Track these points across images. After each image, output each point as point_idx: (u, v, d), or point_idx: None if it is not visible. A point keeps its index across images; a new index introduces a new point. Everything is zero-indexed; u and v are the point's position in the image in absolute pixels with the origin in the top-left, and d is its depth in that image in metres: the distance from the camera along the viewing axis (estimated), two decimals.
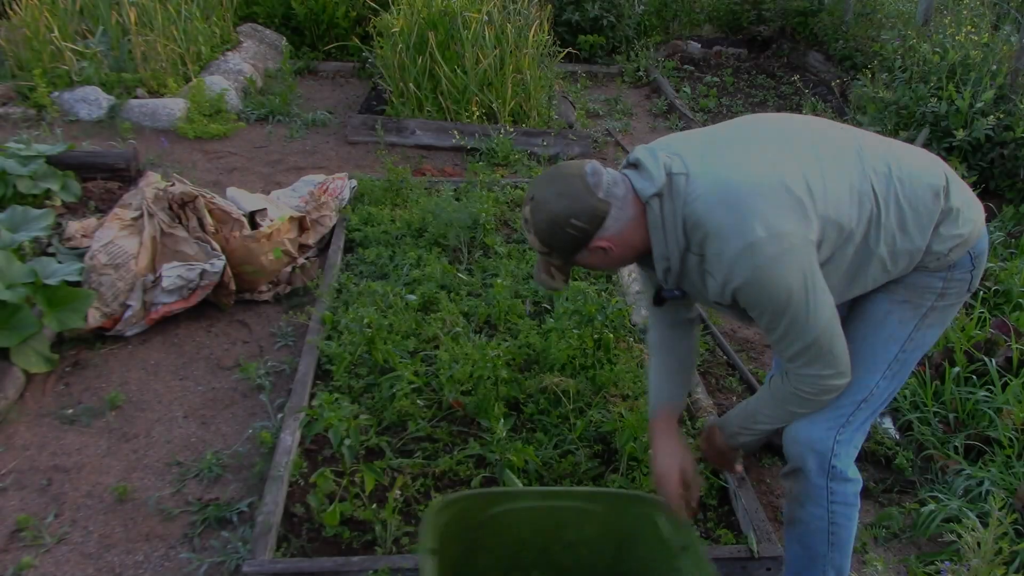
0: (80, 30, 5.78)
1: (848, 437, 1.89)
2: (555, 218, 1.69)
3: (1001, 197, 4.56)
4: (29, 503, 2.46)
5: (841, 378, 1.79)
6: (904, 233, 1.75)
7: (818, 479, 1.91)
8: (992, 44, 4.94)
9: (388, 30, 5.54)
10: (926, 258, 1.81)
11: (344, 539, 2.30)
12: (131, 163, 4.35)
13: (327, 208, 3.96)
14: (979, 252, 1.87)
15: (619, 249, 1.74)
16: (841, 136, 1.80)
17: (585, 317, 3.01)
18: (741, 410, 2.02)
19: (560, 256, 1.77)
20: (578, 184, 1.69)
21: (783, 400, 1.86)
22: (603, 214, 1.68)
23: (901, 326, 1.87)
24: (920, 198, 1.75)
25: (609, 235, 1.71)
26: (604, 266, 1.83)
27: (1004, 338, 3.05)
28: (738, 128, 1.83)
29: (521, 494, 1.91)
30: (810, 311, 1.67)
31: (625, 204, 1.70)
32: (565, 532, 1.96)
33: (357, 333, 2.95)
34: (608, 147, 5.59)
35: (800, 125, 1.82)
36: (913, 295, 1.86)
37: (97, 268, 3.14)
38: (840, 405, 1.86)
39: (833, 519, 1.94)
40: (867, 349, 1.88)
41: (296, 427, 2.64)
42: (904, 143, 1.93)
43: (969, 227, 1.82)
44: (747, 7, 8.01)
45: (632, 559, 1.99)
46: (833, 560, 1.99)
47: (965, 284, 1.87)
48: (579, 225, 1.68)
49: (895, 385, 1.92)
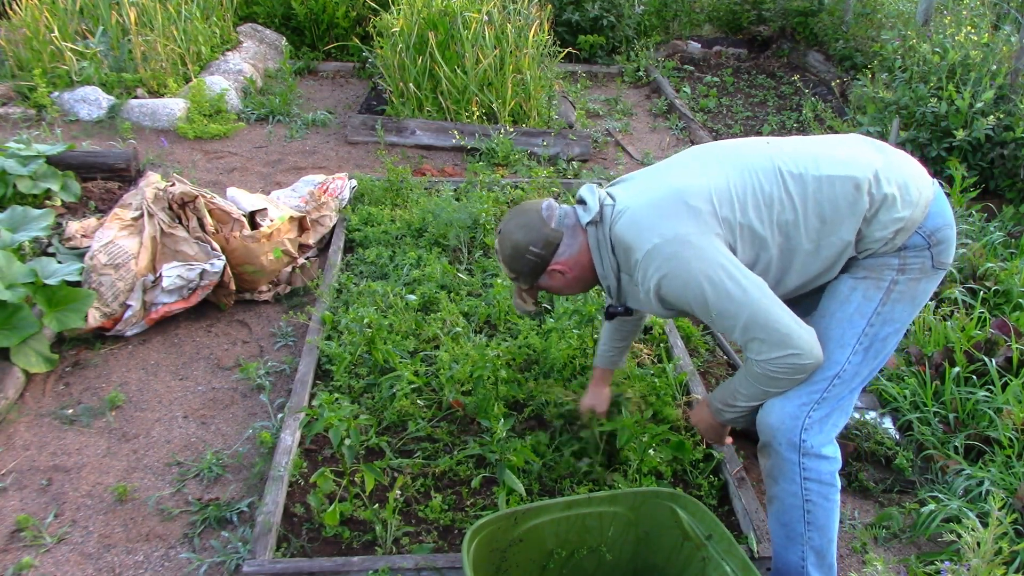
0: (80, 30, 5.79)
1: (823, 413, 1.94)
2: (516, 246, 2.03)
3: (1001, 197, 4.56)
4: (29, 503, 2.46)
5: (806, 358, 1.86)
6: (825, 225, 1.89)
7: (789, 453, 1.96)
8: (992, 44, 4.94)
9: (388, 30, 5.54)
10: (870, 244, 1.92)
11: (344, 539, 2.30)
12: (131, 163, 4.35)
13: (327, 208, 3.96)
14: (932, 230, 1.92)
15: (574, 271, 2.06)
16: (756, 149, 2.00)
17: (585, 317, 3.02)
18: (724, 387, 2.11)
19: (526, 280, 2.09)
20: (535, 217, 2.03)
21: (756, 379, 1.95)
22: (556, 241, 2.02)
23: (866, 301, 1.95)
24: (839, 194, 1.89)
25: (563, 260, 2.03)
26: (567, 288, 2.13)
27: (1004, 338, 3.05)
28: (671, 160, 2.09)
29: (545, 508, 1.96)
30: (732, 290, 1.82)
31: (575, 233, 2.03)
32: (589, 537, 2.01)
33: (357, 333, 2.95)
34: (608, 147, 5.59)
35: (723, 147, 2.05)
36: (872, 272, 1.95)
37: (97, 268, 3.14)
38: (813, 381, 1.94)
39: (808, 496, 1.98)
40: (835, 325, 1.97)
41: (296, 427, 2.64)
42: (837, 140, 2.03)
43: (909, 210, 1.89)
44: (747, 7, 8.01)
45: (655, 554, 2.03)
46: (811, 540, 2.02)
47: (926, 261, 1.93)
48: (536, 251, 2.01)
49: (870, 361, 1.97)
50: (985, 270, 3.58)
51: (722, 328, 1.91)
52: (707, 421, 2.24)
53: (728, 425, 2.25)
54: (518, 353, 3.00)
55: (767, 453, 2.03)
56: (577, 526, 1.99)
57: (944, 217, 1.94)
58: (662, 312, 2.02)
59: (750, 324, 1.83)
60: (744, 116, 6.35)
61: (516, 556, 1.93)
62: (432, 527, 2.36)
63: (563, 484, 2.50)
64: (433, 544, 2.29)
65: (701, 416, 2.26)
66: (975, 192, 4.28)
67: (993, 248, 3.86)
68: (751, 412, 2.06)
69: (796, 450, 1.95)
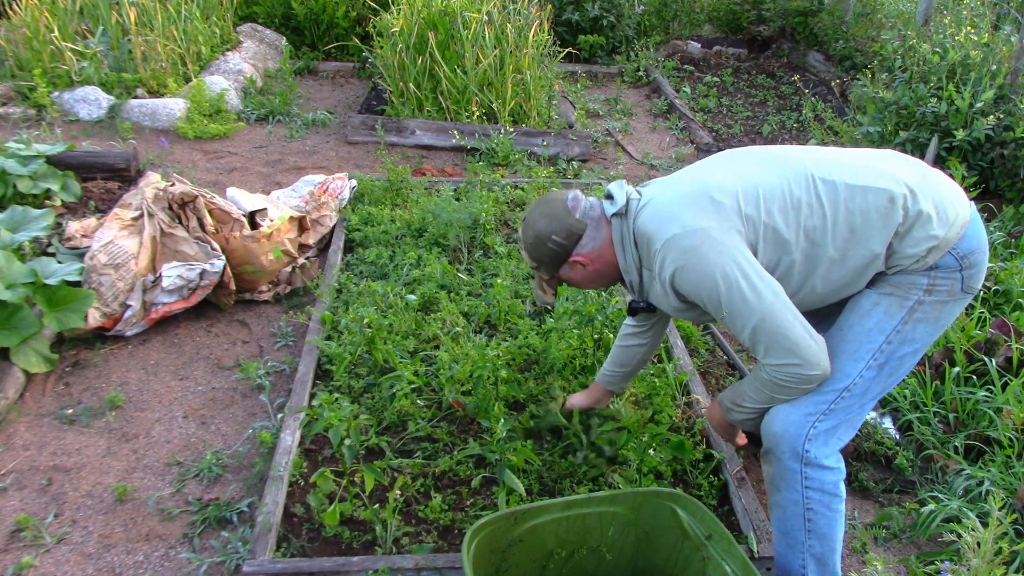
0: (80, 30, 5.79)
1: (829, 426, 1.93)
2: (539, 234, 2.01)
3: (1001, 197, 4.56)
4: (29, 503, 2.46)
5: (811, 369, 1.84)
6: (854, 234, 1.86)
7: (791, 463, 1.95)
8: (992, 44, 4.93)
9: (388, 30, 5.54)
10: (901, 260, 1.88)
11: (344, 539, 2.30)
12: (131, 163, 4.35)
13: (327, 208, 3.96)
14: (965, 252, 1.89)
15: (595, 265, 2.04)
16: (791, 155, 1.98)
17: (585, 317, 3.02)
18: (734, 388, 2.10)
19: (546, 270, 2.07)
20: (559, 207, 2.01)
21: (764, 384, 1.94)
22: (579, 232, 2.00)
23: (887, 317, 1.92)
24: (872, 205, 1.85)
25: (586, 252, 2.02)
26: (587, 282, 2.10)
27: (1004, 338, 3.05)
28: (705, 160, 2.07)
29: (545, 508, 1.96)
30: (746, 291, 1.80)
31: (599, 225, 2.02)
32: (589, 537, 2.01)
33: (357, 333, 2.95)
34: (608, 147, 5.58)
35: (758, 151, 2.03)
36: (898, 289, 1.92)
37: (97, 268, 3.14)
38: (822, 392, 1.92)
39: (809, 505, 1.97)
40: (852, 338, 1.94)
41: (296, 427, 2.64)
42: (876, 153, 1.99)
43: (944, 229, 1.86)
44: (747, 7, 8.01)
45: (655, 554, 2.04)
46: (812, 548, 2.00)
47: (955, 284, 1.90)
48: (559, 241, 2.00)
49: (883, 379, 1.94)
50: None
51: (732, 327, 1.89)
52: (718, 419, 2.24)
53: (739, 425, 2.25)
54: (518, 353, 3.00)
55: (770, 460, 2.01)
56: (577, 526, 1.99)
57: (979, 241, 1.91)
58: (678, 306, 1.99)
59: (759, 328, 1.82)
60: (744, 116, 6.35)
61: (516, 556, 1.93)
62: (432, 527, 2.36)
63: (563, 484, 2.50)
64: (433, 544, 2.29)
65: (713, 414, 2.26)
66: (975, 192, 4.28)
67: (993, 248, 3.86)
68: (760, 415, 2.05)
69: (799, 459, 1.93)
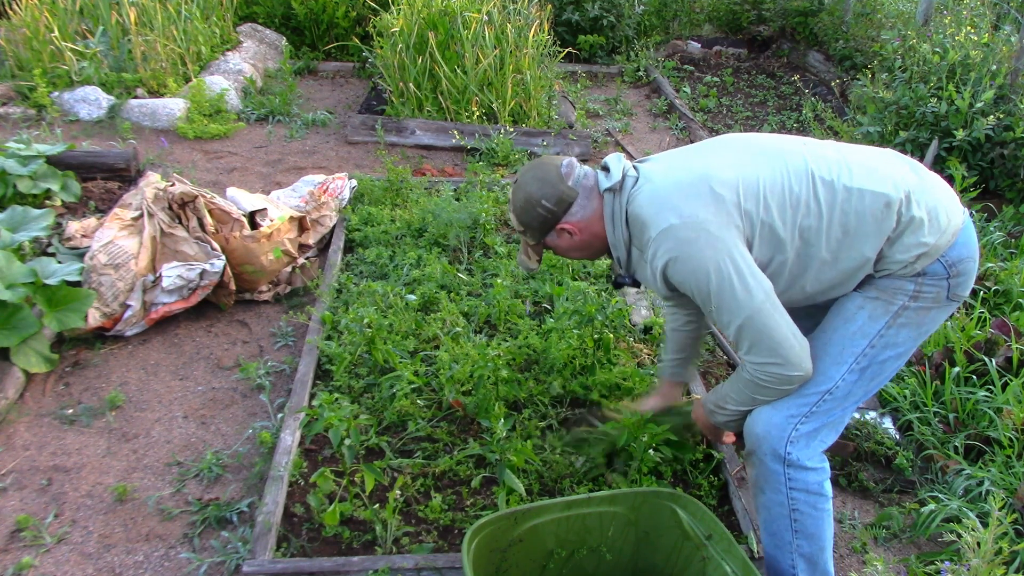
0: (80, 30, 5.79)
1: (811, 428, 1.93)
2: (529, 197, 1.98)
3: (1001, 197, 4.56)
4: (29, 503, 2.46)
5: (792, 369, 1.84)
6: (847, 237, 1.85)
7: (773, 464, 1.95)
8: (992, 44, 4.93)
9: (388, 30, 5.54)
10: (889, 264, 1.88)
11: (344, 539, 2.30)
12: (131, 163, 4.35)
13: (327, 208, 3.96)
14: (955, 260, 1.88)
15: (582, 235, 2.01)
16: (791, 147, 1.94)
17: (585, 317, 3.01)
18: (717, 390, 2.09)
19: (533, 235, 2.05)
20: (552, 172, 1.98)
21: (745, 385, 1.94)
22: (569, 200, 1.97)
23: (871, 322, 1.92)
24: (868, 209, 1.84)
25: (575, 220, 1.99)
26: (573, 251, 2.08)
27: (1004, 338, 3.05)
28: (704, 143, 2.04)
29: (545, 508, 1.96)
30: (738, 288, 1.80)
31: (591, 195, 1.99)
32: (589, 537, 2.01)
33: (357, 333, 2.95)
34: (608, 147, 5.58)
35: (760, 140, 1.99)
36: (884, 293, 1.91)
37: (97, 268, 3.14)
38: (804, 394, 1.92)
39: (794, 506, 1.97)
40: (835, 341, 1.94)
41: (296, 427, 2.64)
42: (875, 153, 1.97)
43: (935, 236, 1.85)
44: (747, 7, 8.01)
45: (655, 554, 2.04)
46: (800, 548, 2.00)
47: (941, 291, 1.90)
48: (548, 207, 1.97)
49: (865, 383, 1.94)
50: (985, 270, 3.58)
51: (719, 322, 1.89)
52: (703, 420, 2.23)
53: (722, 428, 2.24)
54: (518, 353, 3.00)
55: (752, 462, 2.02)
56: (577, 526, 1.99)
57: (969, 249, 1.90)
58: (665, 293, 1.99)
59: (745, 325, 1.82)
60: (744, 116, 6.35)
61: (516, 556, 1.93)
62: (432, 527, 2.36)
63: (563, 484, 2.50)
64: (433, 544, 2.29)
65: (698, 415, 2.26)
66: (975, 192, 4.28)
67: (993, 248, 3.86)
68: (743, 417, 2.05)
69: (781, 461, 1.93)
